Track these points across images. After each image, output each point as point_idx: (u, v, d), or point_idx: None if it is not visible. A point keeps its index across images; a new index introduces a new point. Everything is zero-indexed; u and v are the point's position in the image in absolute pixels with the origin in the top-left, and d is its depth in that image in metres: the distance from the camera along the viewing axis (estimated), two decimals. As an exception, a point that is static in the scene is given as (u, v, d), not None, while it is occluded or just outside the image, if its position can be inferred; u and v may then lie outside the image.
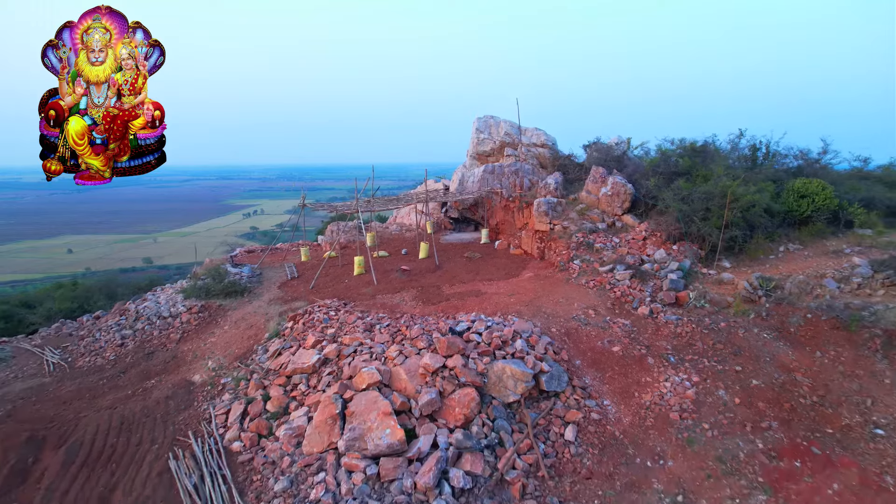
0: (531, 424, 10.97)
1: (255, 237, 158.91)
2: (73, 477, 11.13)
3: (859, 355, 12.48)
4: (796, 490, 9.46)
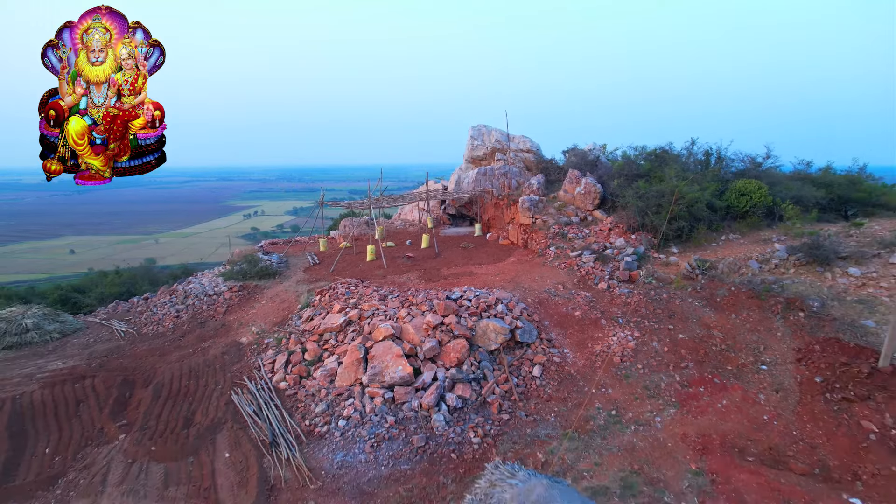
0: (507, 364, 14.14)
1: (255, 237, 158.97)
2: (161, 405, 14.25)
3: (763, 316, 15.61)
4: (697, 405, 12.61)
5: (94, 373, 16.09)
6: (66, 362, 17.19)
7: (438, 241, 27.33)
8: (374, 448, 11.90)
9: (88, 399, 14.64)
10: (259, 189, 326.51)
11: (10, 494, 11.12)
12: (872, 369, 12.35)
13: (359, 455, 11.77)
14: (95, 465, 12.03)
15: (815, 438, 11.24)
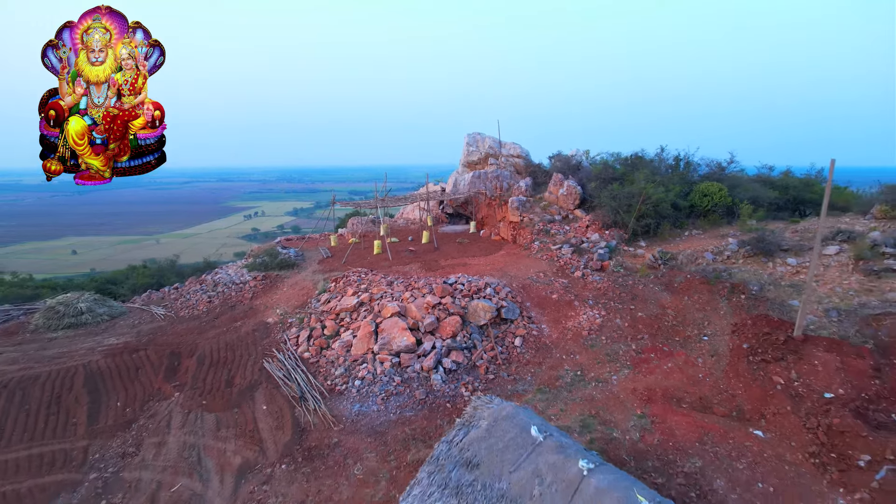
0: (493, 336, 16.63)
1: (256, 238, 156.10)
2: (206, 370, 16.73)
3: (711, 298, 18.09)
4: (647, 367, 15.11)
5: (144, 347, 18.57)
6: (120, 339, 19.68)
7: (437, 237, 29.80)
8: (385, 401, 14.39)
9: (144, 366, 17.12)
10: (259, 190, 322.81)
11: (97, 433, 13.61)
12: (788, 337, 14.85)
13: (372, 406, 14.27)
14: (159, 414, 14.52)
15: (736, 390, 13.74)
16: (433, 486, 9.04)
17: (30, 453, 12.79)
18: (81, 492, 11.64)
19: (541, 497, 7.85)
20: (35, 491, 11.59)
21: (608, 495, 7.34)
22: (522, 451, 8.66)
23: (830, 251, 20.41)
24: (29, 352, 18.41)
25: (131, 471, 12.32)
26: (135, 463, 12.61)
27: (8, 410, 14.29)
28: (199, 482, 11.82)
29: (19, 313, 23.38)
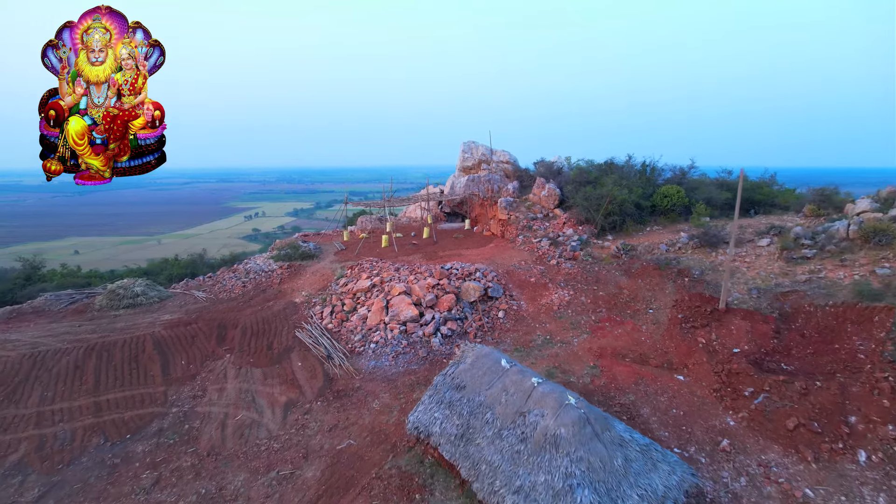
0: (481, 310, 19.94)
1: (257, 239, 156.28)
2: (249, 338, 19.98)
3: (661, 281, 21.38)
4: (601, 333, 18.42)
5: (195, 321, 21.82)
6: (173, 315, 22.93)
7: (436, 232, 33.05)
8: (394, 358, 17.69)
9: (198, 336, 20.37)
10: (259, 191, 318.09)
11: (171, 382, 16.88)
12: (714, 309, 18.16)
13: (385, 362, 17.57)
14: (216, 369, 17.80)
15: (669, 348, 17.05)
16: (432, 403, 12.34)
17: (124, 395, 16.08)
18: (168, 419, 14.93)
19: (506, 402, 11.16)
20: (135, 419, 14.88)
21: (549, 396, 10.65)
22: (495, 375, 11.97)
23: (763, 243, 23.72)
24: (102, 325, 21.67)
25: (202, 406, 15.61)
26: (204, 402, 15.90)
27: (99, 367, 17.55)
28: (256, 413, 15.12)
29: (82, 297, 26.60)
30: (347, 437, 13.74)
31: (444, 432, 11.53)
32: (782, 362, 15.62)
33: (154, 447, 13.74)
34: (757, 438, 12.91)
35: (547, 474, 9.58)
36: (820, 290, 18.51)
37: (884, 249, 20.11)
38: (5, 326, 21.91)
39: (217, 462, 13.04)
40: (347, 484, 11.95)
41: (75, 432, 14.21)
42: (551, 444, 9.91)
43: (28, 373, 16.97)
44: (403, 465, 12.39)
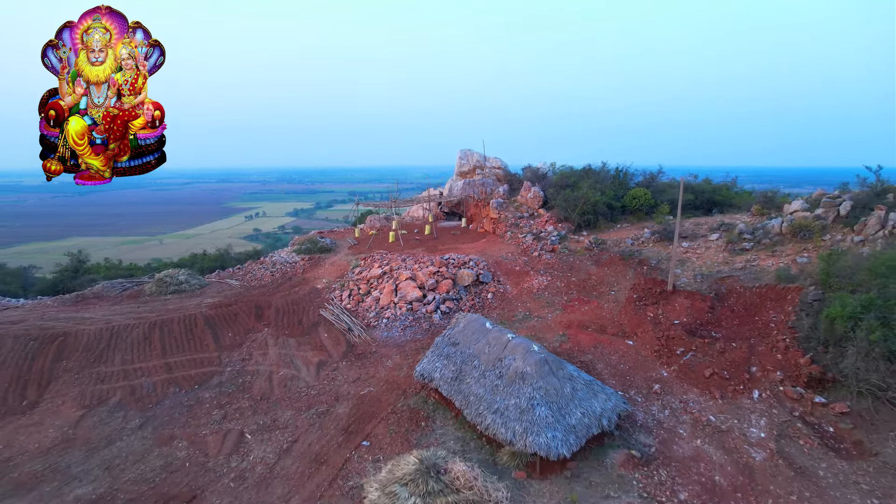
0: (473, 292, 23.30)
1: (258, 238, 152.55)
2: (282, 316, 23.29)
3: (624, 269, 24.70)
4: (571, 309, 21.77)
5: (234, 303, 25.11)
6: (215, 299, 26.23)
7: (437, 230, 36.35)
8: (403, 330, 21.03)
9: (239, 314, 23.68)
10: (259, 191, 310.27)
11: (222, 349, 20.20)
12: (662, 290, 21.51)
13: (395, 333, 20.91)
14: (258, 339, 21.12)
15: (623, 321, 20.40)
16: (434, 357, 15.69)
17: (186, 358, 19.42)
18: (225, 375, 18.28)
19: (488, 352, 14.51)
20: (198, 375, 18.22)
21: (520, 346, 14.00)
22: (480, 334, 15.32)
23: (713, 237, 27.07)
24: (156, 306, 24.99)
25: (251, 366, 18.95)
26: (251, 363, 19.24)
27: (162, 337, 20.87)
28: (294, 370, 18.47)
29: (132, 285, 29.88)
30: (368, 386, 17.11)
31: (443, 376, 14.89)
32: (712, 330, 18.98)
33: (218, 394, 17.09)
34: (682, 384, 16.29)
35: (516, 398, 12.93)
36: (751, 275, 21.86)
37: (806, 242, 23.48)
38: (76, 308, 25.22)
39: (268, 403, 16.40)
40: (370, 416, 15.31)
41: (155, 384, 17.57)
42: (520, 379, 13.27)
43: (108, 341, 20.31)
44: (412, 403, 15.76)
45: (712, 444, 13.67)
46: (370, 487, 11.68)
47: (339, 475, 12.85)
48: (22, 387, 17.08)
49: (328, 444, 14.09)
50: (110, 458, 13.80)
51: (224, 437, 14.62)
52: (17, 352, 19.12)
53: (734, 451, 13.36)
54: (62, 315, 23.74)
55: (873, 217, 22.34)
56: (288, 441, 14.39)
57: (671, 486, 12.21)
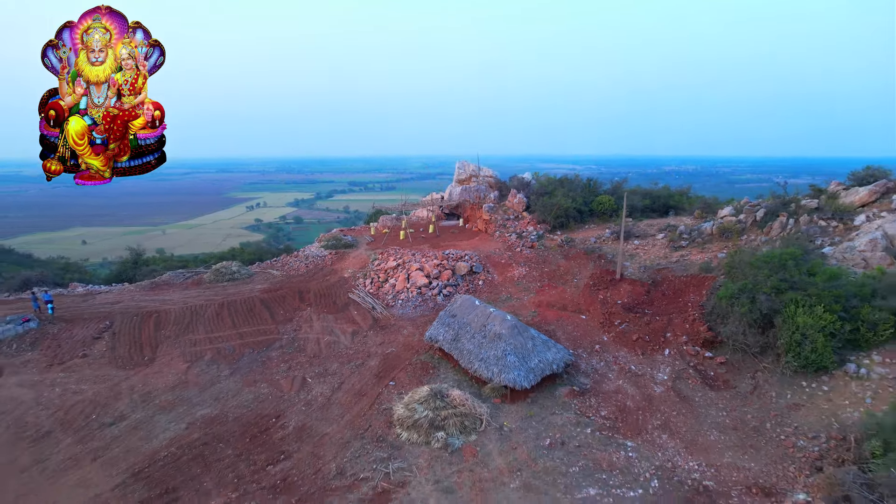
0: (468, 280, 28.41)
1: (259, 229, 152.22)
2: (320, 298, 28.36)
3: (586, 262, 29.71)
4: (542, 293, 26.87)
5: (280, 289, 30.16)
6: (264, 285, 31.28)
7: (439, 228, 41.33)
8: (414, 308, 26.12)
9: (286, 297, 28.72)
10: (259, 181, 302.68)
11: (277, 322, 25.28)
12: (612, 279, 26.57)
13: (408, 310, 26.01)
14: (304, 315, 26.18)
15: (580, 301, 25.49)
16: (438, 325, 20.80)
17: (252, 329, 24.51)
18: (284, 340, 23.37)
19: (477, 321, 19.60)
20: (264, 341, 23.33)
21: (498, 316, 19.11)
22: (472, 309, 20.42)
23: (660, 237, 32.12)
24: (218, 291, 30.06)
25: (302, 334, 24.05)
26: (301, 332, 24.34)
27: (231, 314, 25.94)
28: (335, 337, 23.57)
29: (191, 274, 34.91)
30: (390, 347, 22.26)
31: (445, 338, 20.01)
32: (645, 308, 24.07)
33: (281, 353, 22.23)
34: (616, 346, 21.43)
35: (494, 351, 18.07)
36: (682, 267, 26.91)
37: (728, 241, 28.52)
38: (154, 292, 30.28)
39: (319, 359, 21.54)
40: (393, 367, 20.45)
41: (234, 347, 22.70)
42: (497, 338, 18.40)
43: (191, 317, 25.42)
44: (423, 358, 20.90)
45: (629, 383, 18.84)
46: (397, 407, 16.86)
47: (375, 402, 18.01)
48: (140, 348, 22.25)
49: (366, 384, 19.26)
50: (216, 393, 18.97)
51: (292, 381, 19.77)
52: (127, 324, 24.29)
53: (643, 387, 18.53)
54: (147, 297, 28.88)
55: (777, 222, 27.40)
56: (337, 382, 19.55)
57: (597, 407, 17.40)
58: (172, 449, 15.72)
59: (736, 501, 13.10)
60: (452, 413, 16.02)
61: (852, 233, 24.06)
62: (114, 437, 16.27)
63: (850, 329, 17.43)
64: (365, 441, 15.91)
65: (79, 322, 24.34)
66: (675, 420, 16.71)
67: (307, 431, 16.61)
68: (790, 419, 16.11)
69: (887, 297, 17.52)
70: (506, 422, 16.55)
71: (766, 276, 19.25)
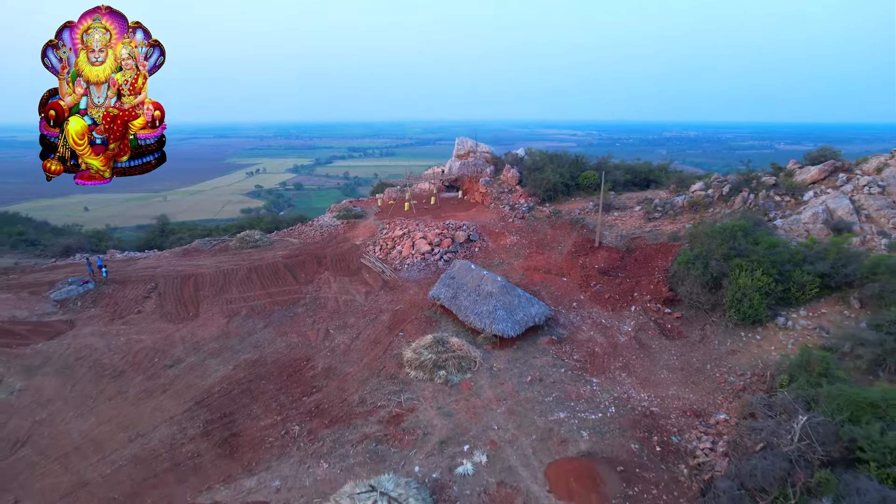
0: (466, 247, 30.96)
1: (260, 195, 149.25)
2: (335, 263, 30.94)
3: (570, 230, 32.14)
4: (529, 258, 29.45)
5: (300, 254, 32.68)
6: (284, 251, 33.79)
7: (439, 200, 43.54)
8: (418, 272, 28.74)
9: (306, 262, 31.27)
10: (258, 147, 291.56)
11: (299, 283, 27.93)
12: (592, 246, 29.09)
13: (413, 273, 28.65)
14: (322, 278, 28.82)
15: (563, 266, 28.10)
16: (440, 285, 23.45)
17: (279, 289, 27.18)
18: (307, 299, 26.08)
19: (472, 281, 22.24)
20: (290, 299, 26.03)
21: (489, 278, 21.74)
22: (468, 272, 23.03)
23: (637, 209, 34.41)
24: (244, 257, 32.59)
25: (322, 294, 26.74)
26: (322, 292, 27.03)
27: (259, 276, 28.55)
28: (350, 296, 26.29)
29: (218, 241, 37.36)
30: (399, 304, 25.00)
31: (445, 296, 22.71)
32: (619, 272, 26.70)
33: (306, 309, 24.98)
34: (591, 303, 24.18)
35: (487, 306, 20.78)
36: (654, 236, 29.36)
37: (697, 213, 30.86)
38: (187, 258, 32.81)
39: (339, 314, 24.30)
40: (402, 320, 23.23)
41: (265, 304, 25.43)
42: (489, 295, 21.08)
43: (224, 279, 28.07)
44: (427, 313, 23.66)
45: (599, 333, 21.67)
46: (406, 351, 19.71)
47: (388, 348, 20.87)
48: (184, 305, 24.99)
49: (379, 334, 22.09)
50: (254, 342, 21.81)
51: (318, 332, 22.60)
52: (170, 286, 26.96)
53: (610, 337, 21.37)
54: (182, 263, 31.47)
55: (739, 196, 29.68)
56: (355, 333, 22.38)
57: (570, 352, 20.27)
58: (224, 385, 18.64)
59: (673, 421, 16.08)
60: (452, 356, 18.86)
61: (801, 207, 26.45)
62: (175, 376, 19.18)
63: (783, 289, 20.10)
64: (380, 378, 18.84)
65: (128, 284, 27.00)
66: (634, 363, 19.61)
67: (333, 371, 19.53)
68: (726, 362, 19.01)
69: (815, 263, 20.11)
70: (495, 363, 19.44)
71: (718, 245, 21.80)
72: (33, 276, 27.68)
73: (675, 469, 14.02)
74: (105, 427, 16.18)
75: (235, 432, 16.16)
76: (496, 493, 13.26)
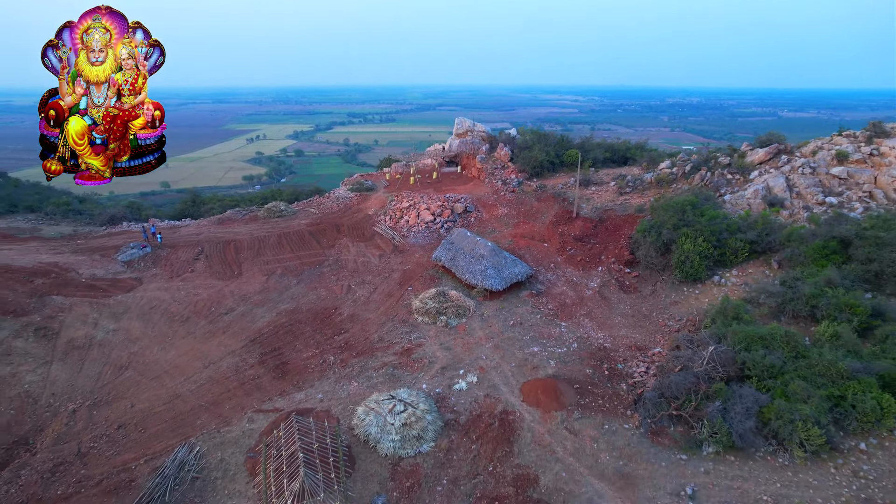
0: (464, 217, 33.94)
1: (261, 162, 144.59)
2: (352, 230, 33.95)
3: (553, 203, 35.00)
4: (518, 227, 32.46)
5: (320, 223, 35.64)
6: (307, 220, 36.73)
7: (441, 175, 46.12)
8: (423, 238, 31.82)
9: (327, 230, 34.26)
10: (257, 112, 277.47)
11: (322, 248, 31.04)
12: (570, 217, 32.05)
13: (419, 239, 31.74)
14: (342, 243, 31.92)
15: (545, 234, 31.15)
16: (441, 249, 26.60)
17: (306, 252, 30.32)
18: (330, 261, 29.27)
19: (468, 246, 25.39)
20: (316, 261, 29.21)
21: (482, 242, 24.89)
22: (465, 238, 26.13)
23: (612, 184, 37.13)
24: (273, 225, 35.53)
25: (343, 257, 29.91)
26: (342, 255, 30.19)
27: (288, 242, 31.63)
28: (367, 258, 29.47)
29: (247, 212, 40.22)
30: (407, 265, 28.24)
31: (446, 258, 25.91)
32: (591, 239, 29.76)
33: (330, 269, 28.22)
34: (566, 265, 27.40)
35: (479, 266, 24.02)
36: (623, 208, 32.27)
37: (662, 189, 33.67)
38: (223, 226, 35.80)
39: (358, 273, 27.55)
40: (410, 279, 26.50)
41: (296, 265, 28.64)
42: (481, 257, 24.28)
43: (259, 244, 31.19)
44: (431, 272, 26.92)
45: (570, 289, 25.01)
46: (414, 301, 23.07)
47: (400, 300, 24.24)
48: (229, 266, 28.21)
49: (392, 288, 25.42)
50: (290, 295, 25.16)
51: (342, 287, 25.92)
52: (215, 249, 30.11)
53: (579, 291, 24.71)
54: (220, 230, 34.51)
55: (698, 174, 32.42)
56: (372, 288, 25.71)
57: (546, 303, 23.65)
58: (271, 327, 22.10)
59: (621, 353, 19.61)
60: (451, 305, 22.24)
61: (747, 184, 29.27)
62: (231, 321, 22.63)
63: (720, 253, 23.27)
64: (394, 322, 22.29)
65: (179, 248, 30.14)
66: (596, 311, 23.04)
67: (356, 317, 22.97)
68: (669, 311, 22.42)
69: (746, 232, 23.20)
70: (485, 311, 22.86)
71: (670, 217, 24.81)
72: (98, 242, 30.81)
73: (617, 386, 17.59)
74: (184, 357, 19.72)
75: (284, 361, 19.72)
76: (483, 402, 16.87)
